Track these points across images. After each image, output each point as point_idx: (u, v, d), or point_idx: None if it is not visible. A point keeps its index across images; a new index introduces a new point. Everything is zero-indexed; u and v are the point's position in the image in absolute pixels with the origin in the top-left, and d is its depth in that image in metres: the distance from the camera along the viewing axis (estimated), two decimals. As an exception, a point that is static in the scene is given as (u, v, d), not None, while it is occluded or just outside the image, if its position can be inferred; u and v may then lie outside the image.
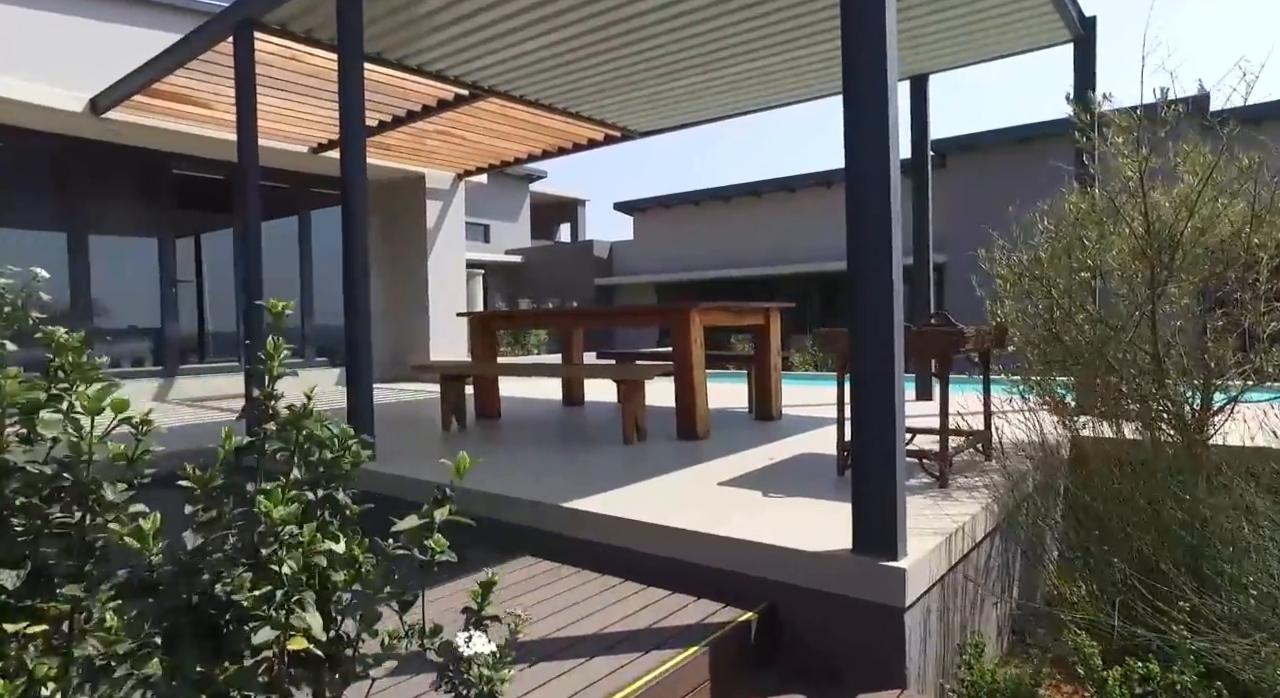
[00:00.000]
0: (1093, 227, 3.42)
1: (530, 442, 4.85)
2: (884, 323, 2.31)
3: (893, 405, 2.32)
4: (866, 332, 2.35)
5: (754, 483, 3.42)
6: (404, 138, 8.42)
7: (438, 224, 10.38)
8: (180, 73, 6.06)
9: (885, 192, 2.28)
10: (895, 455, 2.33)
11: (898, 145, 2.33)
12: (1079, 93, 5.29)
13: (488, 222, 25.79)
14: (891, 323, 2.31)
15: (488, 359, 5.89)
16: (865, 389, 2.38)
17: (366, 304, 4.29)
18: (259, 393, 1.37)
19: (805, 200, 20.12)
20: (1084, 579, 2.75)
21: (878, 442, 2.35)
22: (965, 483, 3.31)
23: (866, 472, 2.38)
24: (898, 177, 2.32)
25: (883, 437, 2.33)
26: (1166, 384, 3.19)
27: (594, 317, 5.03)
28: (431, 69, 6.18)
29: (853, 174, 2.35)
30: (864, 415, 2.38)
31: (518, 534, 3.23)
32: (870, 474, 2.36)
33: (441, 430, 5.36)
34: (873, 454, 2.36)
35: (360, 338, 4.27)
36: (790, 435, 4.72)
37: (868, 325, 2.34)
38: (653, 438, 4.75)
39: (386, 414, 6.52)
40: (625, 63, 6.08)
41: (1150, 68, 3.07)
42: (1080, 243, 3.33)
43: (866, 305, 2.34)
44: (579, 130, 8.26)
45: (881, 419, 2.34)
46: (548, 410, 6.47)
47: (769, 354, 5.36)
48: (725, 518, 2.82)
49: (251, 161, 4.95)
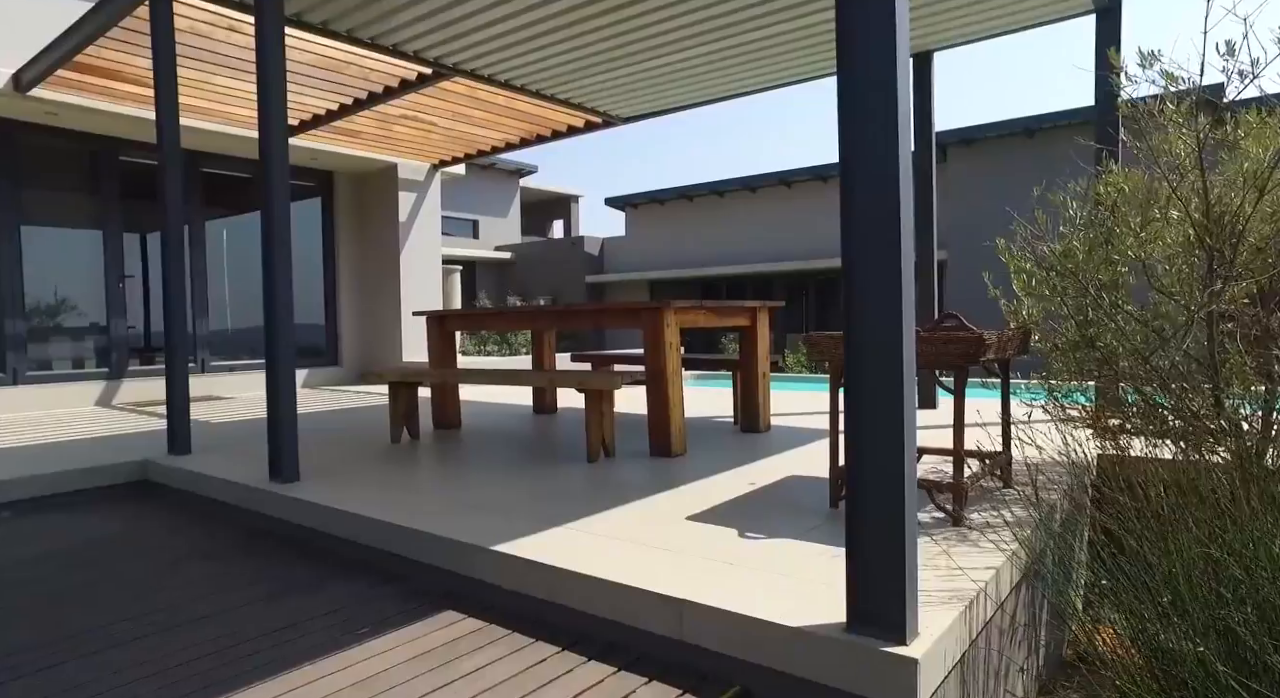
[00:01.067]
0: (1134, 212, 2.87)
1: (483, 458, 4.30)
2: (889, 326, 1.75)
3: (900, 434, 1.76)
4: (865, 337, 1.79)
5: (730, 517, 2.87)
6: (370, 123, 7.86)
7: (411, 217, 9.81)
8: (112, 47, 5.50)
9: (890, 144, 1.73)
10: (903, 501, 1.77)
11: (908, 74, 1.77)
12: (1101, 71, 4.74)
13: (477, 217, 25.20)
14: (899, 326, 1.75)
15: (445, 363, 5.33)
16: (864, 413, 1.82)
17: (288, 294, 3.73)
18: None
19: (801, 195, 19.57)
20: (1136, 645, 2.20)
21: (879, 481, 1.79)
22: (981, 518, 2.76)
23: (864, 520, 1.82)
24: (908, 119, 1.77)
25: (886, 475, 1.78)
26: (1221, 396, 2.65)
27: (556, 316, 4.48)
28: (387, 44, 5.61)
29: (847, 125, 1.79)
30: (862, 447, 1.83)
31: (445, 581, 2.67)
32: (869, 525, 1.81)
33: (390, 443, 4.80)
34: (873, 498, 1.80)
35: (281, 336, 3.71)
36: (777, 452, 4.17)
37: (868, 329, 1.78)
38: (623, 455, 4.20)
39: (336, 423, 5.96)
40: (598, 39, 5.52)
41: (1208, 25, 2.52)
42: (1124, 230, 2.78)
43: (866, 303, 1.78)
44: (556, 116, 7.70)
45: (885, 453, 1.78)
46: (514, 419, 5.91)
47: (756, 359, 4.80)
48: (687, 570, 2.27)
49: (172, 143, 4.38)
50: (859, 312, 1.81)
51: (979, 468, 3.06)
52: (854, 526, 1.84)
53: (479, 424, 5.61)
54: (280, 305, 3.70)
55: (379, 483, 3.62)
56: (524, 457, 4.26)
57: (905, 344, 1.76)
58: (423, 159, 9.67)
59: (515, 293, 23.41)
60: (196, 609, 2.51)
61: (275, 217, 3.68)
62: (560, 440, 4.85)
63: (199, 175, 8.46)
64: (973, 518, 2.76)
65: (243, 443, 4.95)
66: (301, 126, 7.83)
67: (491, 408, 6.64)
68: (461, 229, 24.85)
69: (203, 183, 8.50)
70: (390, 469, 3.98)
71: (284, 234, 3.72)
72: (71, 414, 6.84)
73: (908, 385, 1.77)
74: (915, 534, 1.81)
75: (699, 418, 5.56)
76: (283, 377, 3.71)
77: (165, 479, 4.23)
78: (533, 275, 24.11)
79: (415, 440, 4.90)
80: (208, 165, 8.49)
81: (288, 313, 3.74)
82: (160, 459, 4.34)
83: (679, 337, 4.20)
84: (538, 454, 4.35)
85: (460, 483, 3.65)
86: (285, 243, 3.73)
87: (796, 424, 5.20)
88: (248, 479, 3.72)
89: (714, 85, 6.64)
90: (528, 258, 24.68)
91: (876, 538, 1.79)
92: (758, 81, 6.56)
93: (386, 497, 3.33)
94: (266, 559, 3.09)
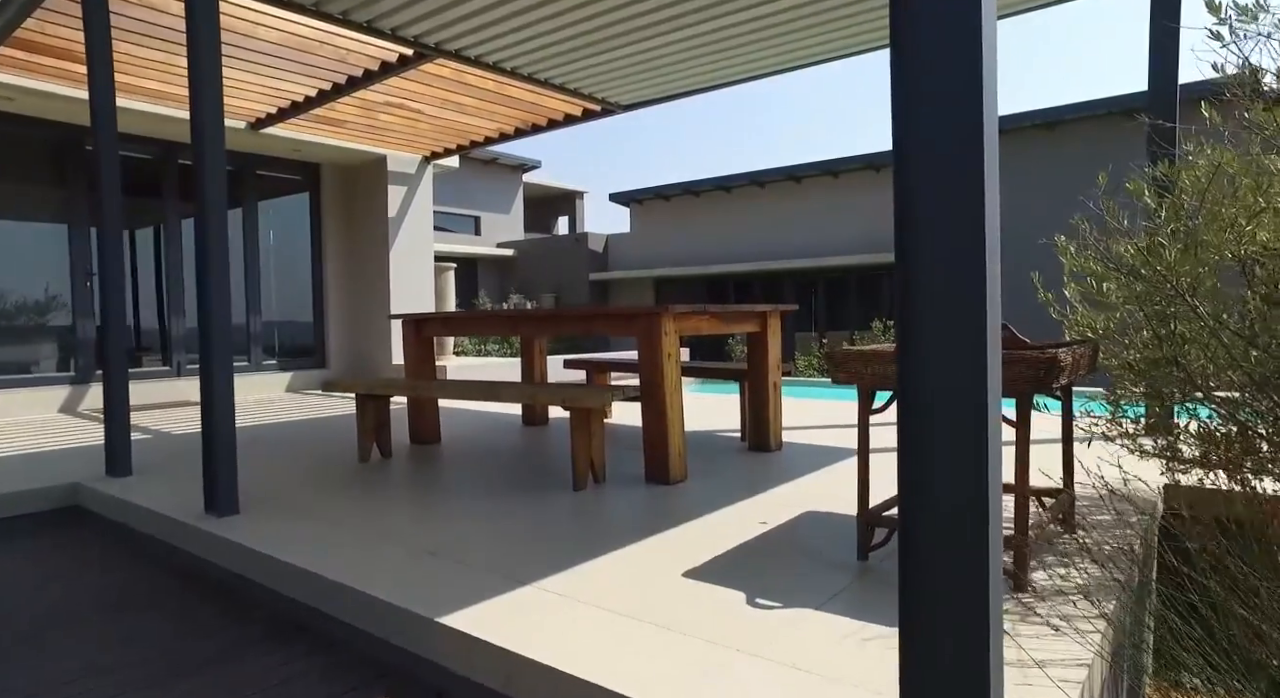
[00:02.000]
0: (1228, 200, 2.33)
1: (456, 484, 3.80)
2: (971, 330, 1.23)
3: (984, 488, 1.24)
4: (930, 345, 1.27)
5: (738, 573, 2.36)
6: (354, 111, 7.35)
7: (402, 212, 9.30)
8: (58, 20, 5.00)
9: (974, 112, 1.21)
10: (988, 578, 1.25)
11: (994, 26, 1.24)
12: (1157, 39, 4.20)
13: (478, 213, 24.70)
14: (984, 332, 1.23)
15: (422, 371, 4.83)
16: (929, 456, 1.30)
17: (225, 290, 3.20)
18: None
19: (811, 191, 18.99)
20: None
21: (947, 563, 1.27)
22: (1047, 580, 2.24)
23: (928, 603, 1.29)
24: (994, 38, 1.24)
25: (965, 540, 1.26)
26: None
27: (540, 322, 3.97)
28: (360, 20, 5.10)
29: (915, 82, 1.26)
30: (920, 510, 1.30)
31: (387, 655, 2.17)
32: (937, 611, 1.28)
33: (359, 462, 4.30)
34: (941, 569, 1.28)
35: (216, 341, 3.19)
36: (790, 478, 3.65)
37: (936, 335, 1.26)
38: (615, 479, 3.69)
39: (307, 434, 5.47)
40: (593, 13, 4.99)
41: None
42: (1218, 222, 2.25)
43: (934, 301, 1.26)
44: (552, 102, 7.17)
45: (957, 513, 1.26)
46: (500, 431, 5.41)
47: (767, 368, 4.28)
48: (682, 661, 1.75)
49: (106, 126, 3.88)
50: (919, 309, 1.29)
51: (1038, 512, 2.54)
52: (911, 595, 1.32)
53: (460, 437, 5.10)
54: (216, 303, 3.17)
55: (331, 519, 3.11)
56: (502, 482, 3.76)
57: (990, 353, 1.23)
58: (413, 151, 9.16)
59: (518, 291, 22.90)
60: (61, 695, 2.01)
61: (209, 198, 3.16)
62: (546, 459, 4.35)
63: (176, 168, 7.98)
64: (1035, 579, 2.24)
65: (199, 462, 4.45)
66: (280, 115, 7.34)
67: (476, 418, 6.14)
68: (463, 226, 24.36)
69: (180, 175, 8.01)
70: (348, 499, 3.48)
71: (219, 233, 3.20)
72: (25, 423, 6.36)
73: (992, 428, 1.26)
74: (1001, 636, 1.29)
75: (701, 432, 5.05)
76: (218, 389, 3.20)
77: (97, 506, 3.74)
78: (535, 273, 23.60)
79: (387, 459, 4.40)
80: (186, 157, 7.99)
81: (224, 312, 3.21)
82: (93, 483, 3.85)
83: (678, 345, 3.69)
84: (518, 478, 3.84)
85: (423, 517, 3.14)
86: (221, 242, 3.20)
87: (810, 440, 4.67)
88: (179, 511, 3.22)
89: (726, 66, 6.08)
90: (530, 255, 24.15)
91: (945, 631, 1.28)
92: (779, 61, 5.95)
93: (334, 539, 2.82)
94: (184, 616, 2.59)
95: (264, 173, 8.76)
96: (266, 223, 8.86)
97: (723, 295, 20.67)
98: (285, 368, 9.05)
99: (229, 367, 3.23)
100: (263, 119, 7.57)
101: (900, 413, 1.33)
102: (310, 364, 9.32)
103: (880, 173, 17.26)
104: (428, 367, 4.86)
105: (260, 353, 8.83)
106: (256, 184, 8.72)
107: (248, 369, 8.68)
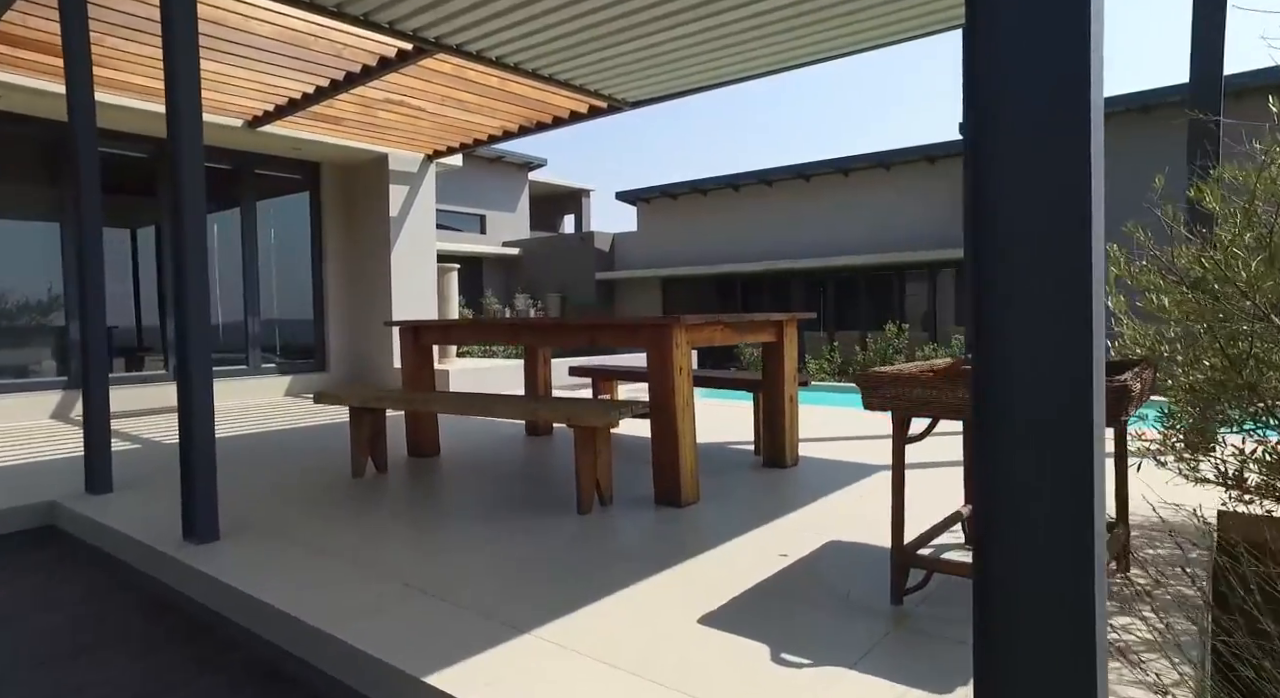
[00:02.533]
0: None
1: (452, 504, 3.58)
2: (1077, 344, 1.01)
3: (1091, 536, 1.03)
4: (1024, 363, 1.04)
5: (758, 618, 2.13)
6: (353, 109, 7.14)
7: (404, 211, 9.09)
8: (39, 13, 4.80)
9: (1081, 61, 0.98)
10: (1095, 643, 1.03)
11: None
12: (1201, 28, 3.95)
13: (484, 211, 24.48)
14: (1090, 341, 1.01)
15: (420, 381, 4.61)
16: (1027, 489, 1.07)
17: (204, 292, 2.98)
18: None
19: (821, 189, 18.71)
20: None
21: (1049, 606, 1.05)
22: (1111, 634, 2.00)
23: (1023, 674, 1.07)
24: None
25: (1065, 597, 1.04)
26: None
27: (543, 332, 3.74)
28: (355, 13, 4.87)
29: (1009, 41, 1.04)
30: (1017, 542, 1.08)
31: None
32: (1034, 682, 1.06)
33: (352, 478, 4.09)
34: (1038, 630, 1.06)
35: (195, 347, 2.97)
36: (810, 500, 3.42)
37: (1032, 352, 1.04)
38: (623, 500, 3.46)
39: (301, 443, 5.25)
40: (599, 8, 4.75)
41: None
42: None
43: (1030, 314, 1.04)
44: (557, 99, 6.95)
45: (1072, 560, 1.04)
46: (502, 442, 5.18)
47: (783, 380, 4.05)
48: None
49: (84, 121, 3.67)
50: (1003, 312, 1.06)
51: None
52: (988, 664, 1.09)
53: (461, 449, 4.88)
54: (193, 305, 2.95)
55: (318, 546, 2.89)
56: (502, 501, 3.53)
57: (1094, 365, 1.01)
58: (415, 149, 8.94)
59: (524, 291, 22.70)
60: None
61: (186, 181, 2.94)
62: (550, 476, 4.12)
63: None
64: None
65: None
66: (278, 112, 7.13)
67: (478, 427, 5.91)
68: (468, 224, 24.15)
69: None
70: (338, 522, 3.26)
71: (198, 229, 2.98)
72: (12, 431, 6.17)
73: (1098, 465, 1.03)
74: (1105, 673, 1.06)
75: (712, 445, 4.82)
76: (198, 401, 2.98)
77: (73, 528, 3.53)
78: (541, 272, 23.38)
79: (382, 474, 4.18)
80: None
81: (203, 314, 2.98)
82: (70, 501, 3.64)
83: (690, 358, 3.46)
84: (519, 497, 3.62)
85: (417, 544, 2.92)
86: (199, 238, 2.98)
87: (828, 454, 4.43)
88: (155, 537, 3.01)
89: (736, 62, 5.84)
90: (536, 254, 23.93)
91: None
92: (791, 57, 5.69)
93: (319, 573, 2.60)
94: (152, 658, 2.37)
95: (263, 172, 8.56)
96: (266, 223, 8.66)
97: (730, 295, 20.41)
98: (285, 371, 8.84)
99: (208, 376, 3.02)
100: (260, 117, 7.36)
101: (981, 447, 1.10)
102: (310, 367, 9.11)
103: (891, 170, 16.96)
104: (426, 374, 4.64)
105: (259, 356, 8.63)
106: (255, 183, 8.52)
107: (246, 373, 8.49)
